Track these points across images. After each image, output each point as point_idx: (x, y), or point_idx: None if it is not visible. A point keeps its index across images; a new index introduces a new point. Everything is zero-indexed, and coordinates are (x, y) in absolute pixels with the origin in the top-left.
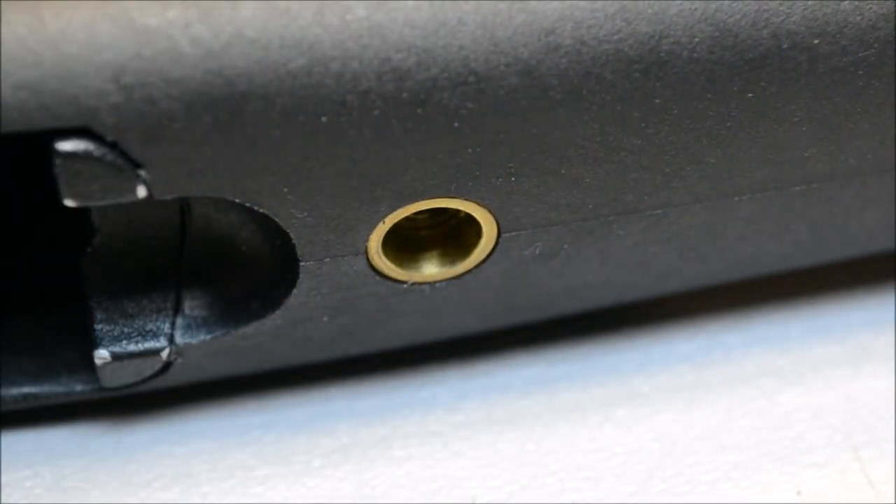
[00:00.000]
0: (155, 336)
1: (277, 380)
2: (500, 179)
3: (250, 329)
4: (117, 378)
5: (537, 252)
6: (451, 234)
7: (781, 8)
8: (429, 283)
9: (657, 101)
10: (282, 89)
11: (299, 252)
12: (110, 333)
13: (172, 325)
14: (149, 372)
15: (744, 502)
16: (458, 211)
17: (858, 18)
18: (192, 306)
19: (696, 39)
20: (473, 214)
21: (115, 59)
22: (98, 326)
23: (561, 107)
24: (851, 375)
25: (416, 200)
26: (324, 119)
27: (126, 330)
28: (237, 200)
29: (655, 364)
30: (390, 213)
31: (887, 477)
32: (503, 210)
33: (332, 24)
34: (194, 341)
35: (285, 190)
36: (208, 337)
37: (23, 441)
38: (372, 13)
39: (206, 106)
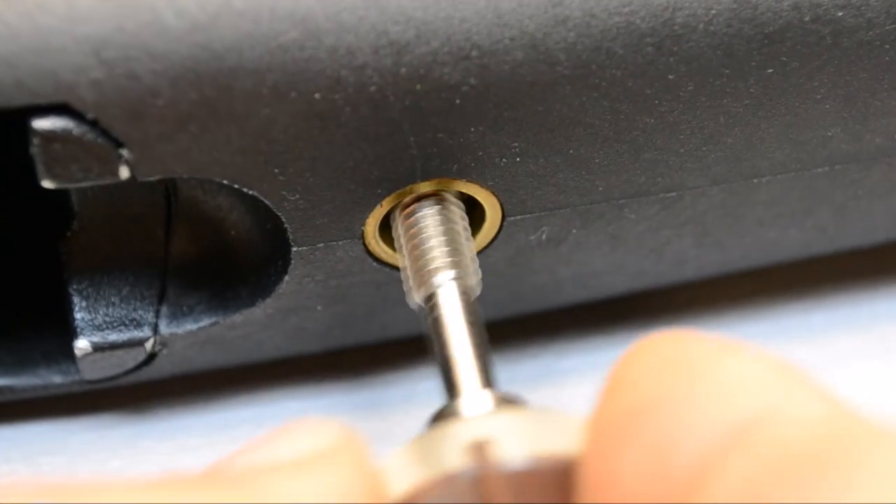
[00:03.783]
0: (138, 325)
1: (268, 372)
2: (504, 160)
3: (239, 318)
4: (99, 370)
5: (544, 237)
6: None
7: None
8: None
9: (671, 77)
10: (272, 64)
11: (291, 237)
12: (91, 322)
13: (157, 313)
14: (132, 363)
15: None
16: (460, 194)
17: None
18: (178, 294)
19: (713, 11)
20: (476, 197)
21: (96, 31)
22: (78, 315)
23: (569, 83)
24: (878, 369)
25: (416, 182)
26: (317, 96)
27: (108, 319)
28: (225, 182)
29: None
30: (388, 195)
31: None
32: (508, 193)
33: None
34: (180, 331)
35: (276, 171)
36: (195, 326)
37: None
38: None
39: (192, 82)
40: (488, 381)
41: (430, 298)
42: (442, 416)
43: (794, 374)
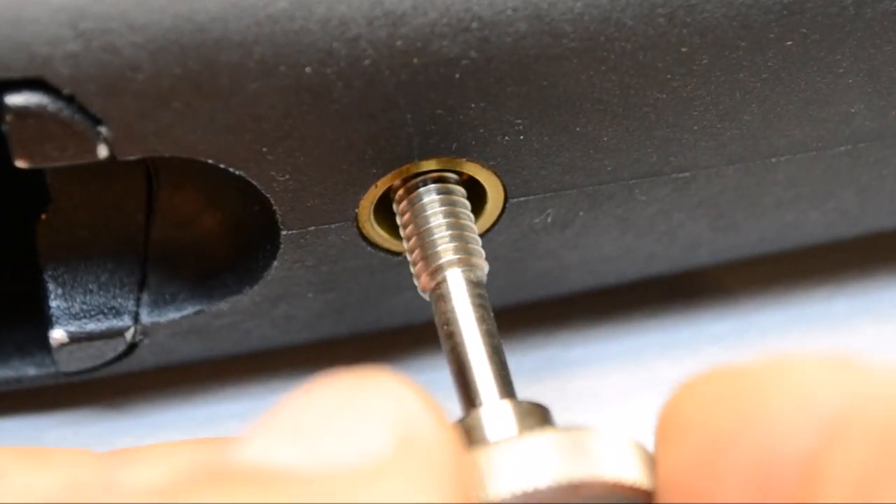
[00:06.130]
0: (118, 314)
1: (257, 363)
2: (506, 138)
3: (225, 306)
4: (76, 361)
5: (549, 220)
6: None
7: None
8: None
9: (684, 49)
10: (260, 36)
11: (280, 220)
12: (68, 311)
13: (138, 301)
14: (111, 354)
15: None
16: (460, 174)
17: None
18: (160, 281)
19: None
20: (477, 178)
21: (73, 1)
22: (54, 303)
23: (575, 56)
24: None
25: (413, 162)
26: (308, 70)
27: (85, 307)
28: (210, 162)
29: (682, 347)
30: (383, 175)
31: None
32: (511, 173)
33: None
34: (162, 320)
35: (264, 150)
36: (178, 315)
37: None
38: None
39: (174, 55)
40: (507, 389)
41: (439, 294)
42: (462, 430)
43: (846, 362)
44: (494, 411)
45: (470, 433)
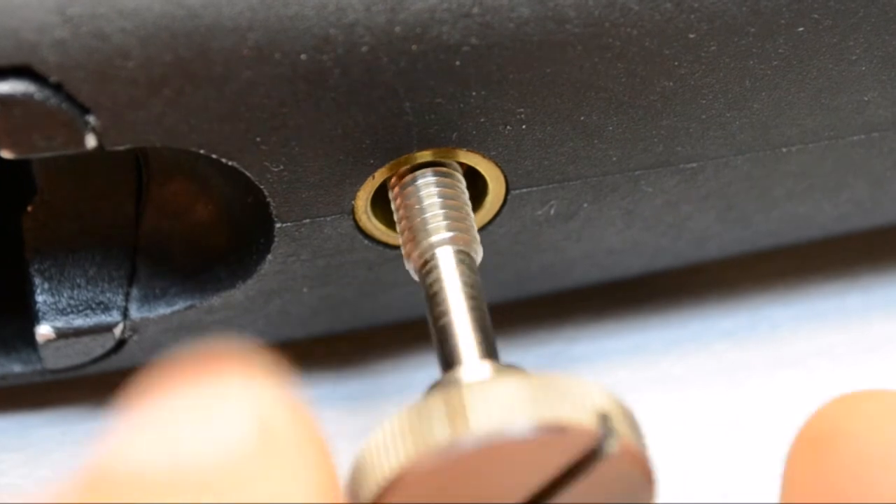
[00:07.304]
0: (106, 309)
1: None
2: (508, 128)
3: (217, 301)
4: (63, 358)
5: (552, 212)
6: None
7: None
8: None
9: (692, 36)
10: (254, 22)
11: (275, 212)
12: (54, 306)
13: (127, 296)
14: (99, 351)
15: None
16: (460, 165)
17: None
18: (150, 275)
19: None
20: (478, 169)
21: None
22: (40, 298)
23: (580, 43)
24: None
25: (412, 152)
26: (303, 57)
27: (73, 302)
28: (202, 152)
29: (689, 342)
30: (381, 166)
31: None
32: (512, 164)
33: None
34: (152, 315)
35: (258, 140)
36: (168, 310)
37: None
38: None
39: (165, 41)
40: (489, 351)
41: (426, 264)
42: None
43: None
44: (472, 369)
45: (444, 387)
